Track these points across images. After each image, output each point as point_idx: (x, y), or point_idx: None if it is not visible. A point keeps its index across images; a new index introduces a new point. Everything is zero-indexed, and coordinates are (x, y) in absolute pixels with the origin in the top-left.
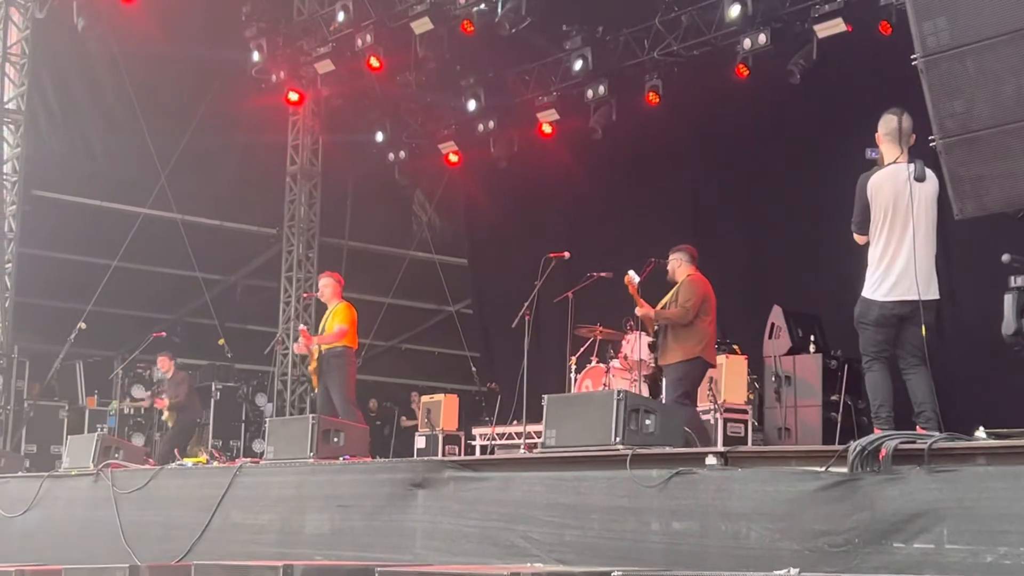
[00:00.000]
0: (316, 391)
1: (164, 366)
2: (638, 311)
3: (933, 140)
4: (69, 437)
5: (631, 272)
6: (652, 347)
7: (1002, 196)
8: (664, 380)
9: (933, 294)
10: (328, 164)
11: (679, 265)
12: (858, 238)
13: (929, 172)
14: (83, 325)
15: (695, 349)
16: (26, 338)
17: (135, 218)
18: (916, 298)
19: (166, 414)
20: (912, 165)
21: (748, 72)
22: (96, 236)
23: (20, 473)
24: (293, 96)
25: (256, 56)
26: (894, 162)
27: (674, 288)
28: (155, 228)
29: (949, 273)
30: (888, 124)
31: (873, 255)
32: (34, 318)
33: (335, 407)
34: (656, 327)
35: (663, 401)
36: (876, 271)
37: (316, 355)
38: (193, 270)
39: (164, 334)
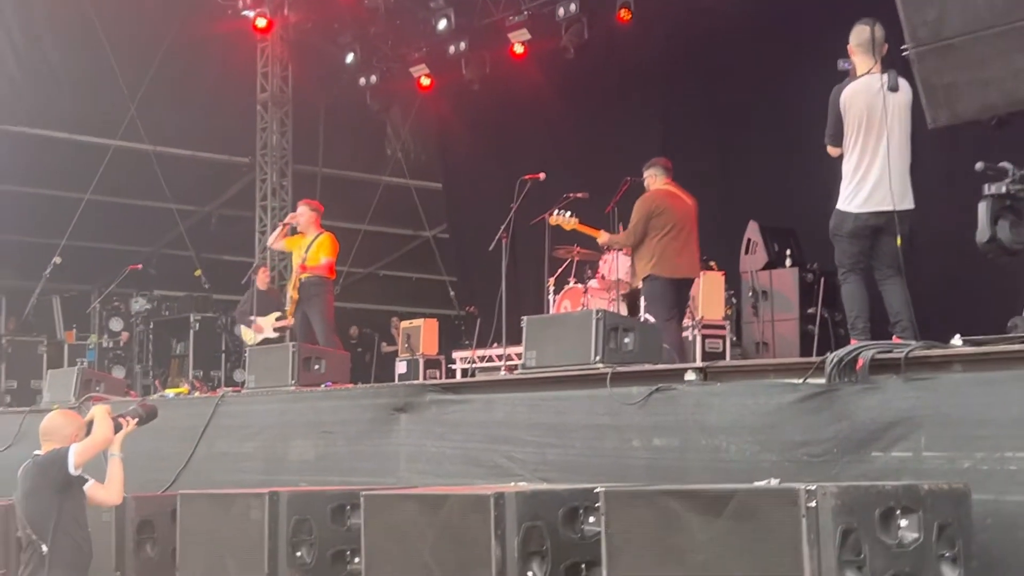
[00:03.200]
0: (291, 318)
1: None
2: (599, 241)
3: (906, 49)
4: (49, 371)
5: (556, 212)
6: None
7: (975, 104)
8: None
9: (908, 204)
10: (299, 91)
11: (653, 180)
12: (832, 150)
13: (902, 81)
14: (58, 259)
15: (647, 267)
16: (1, 274)
17: (106, 150)
18: (891, 208)
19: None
20: (885, 75)
21: None
22: (67, 170)
23: (1, 409)
24: (261, 22)
25: None
26: (867, 73)
27: None
28: (127, 160)
29: (923, 182)
30: (860, 35)
31: (847, 167)
32: (8, 254)
33: (314, 334)
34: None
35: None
36: (850, 183)
37: (297, 284)
38: (167, 201)
39: (140, 266)
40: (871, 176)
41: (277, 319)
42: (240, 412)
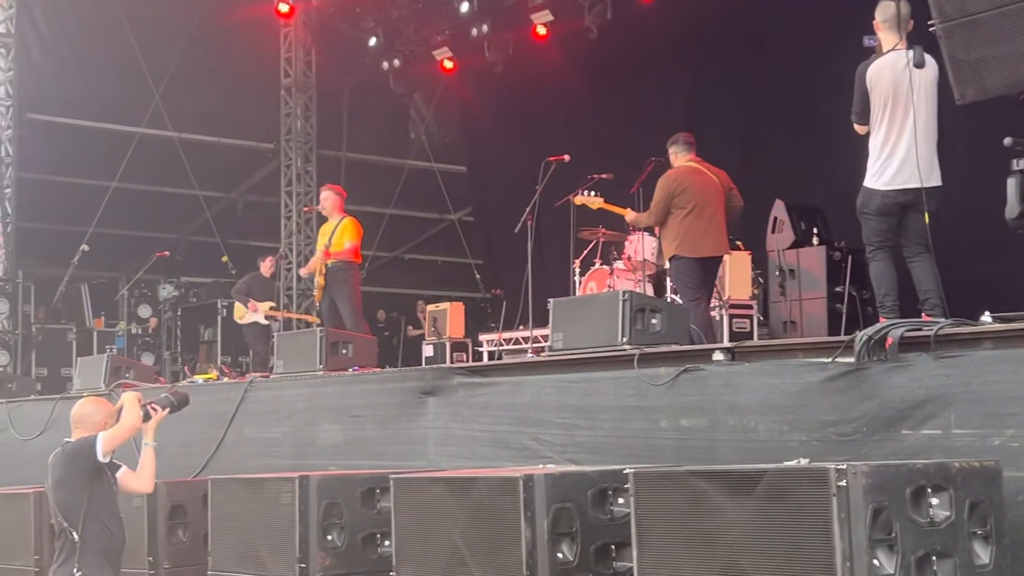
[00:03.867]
0: (319, 304)
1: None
2: (627, 219)
3: (932, 25)
4: (79, 359)
5: (582, 193)
6: None
7: (1003, 78)
8: None
9: (936, 181)
10: (322, 76)
11: (676, 157)
12: (858, 128)
13: (928, 58)
14: (86, 247)
15: (671, 247)
16: (29, 263)
17: (131, 138)
18: (918, 185)
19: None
20: (911, 51)
21: None
22: (94, 157)
23: (32, 396)
24: (284, 8)
25: None
26: (893, 49)
27: None
28: (152, 147)
29: (951, 158)
30: (886, 11)
31: (874, 144)
32: (36, 242)
33: (341, 319)
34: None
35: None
36: (877, 160)
37: (323, 270)
38: (193, 188)
39: (167, 253)
40: (898, 153)
41: (271, 308)
42: (269, 397)
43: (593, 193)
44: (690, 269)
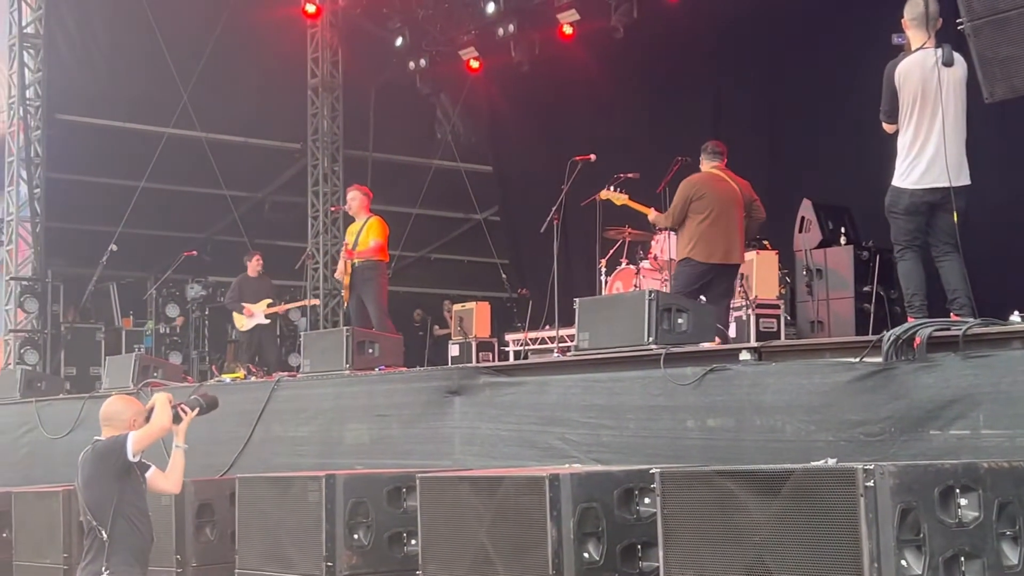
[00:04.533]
0: (347, 304)
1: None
2: (649, 218)
3: (961, 23)
4: (107, 358)
5: (607, 189)
6: None
7: None
8: None
9: (964, 180)
10: (349, 76)
11: (702, 164)
12: (887, 127)
13: (957, 56)
14: (114, 247)
15: (684, 250)
16: (58, 263)
17: (159, 138)
18: (947, 185)
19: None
20: (939, 50)
21: None
22: (122, 158)
23: (61, 395)
24: (310, 8)
25: None
26: (921, 47)
27: None
28: (180, 147)
29: (980, 157)
30: (914, 9)
31: (903, 143)
32: (65, 242)
33: (368, 319)
34: None
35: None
36: (906, 159)
37: (349, 269)
38: (220, 188)
39: (195, 253)
40: (927, 152)
41: (268, 305)
42: (296, 396)
43: (619, 190)
44: (697, 273)
